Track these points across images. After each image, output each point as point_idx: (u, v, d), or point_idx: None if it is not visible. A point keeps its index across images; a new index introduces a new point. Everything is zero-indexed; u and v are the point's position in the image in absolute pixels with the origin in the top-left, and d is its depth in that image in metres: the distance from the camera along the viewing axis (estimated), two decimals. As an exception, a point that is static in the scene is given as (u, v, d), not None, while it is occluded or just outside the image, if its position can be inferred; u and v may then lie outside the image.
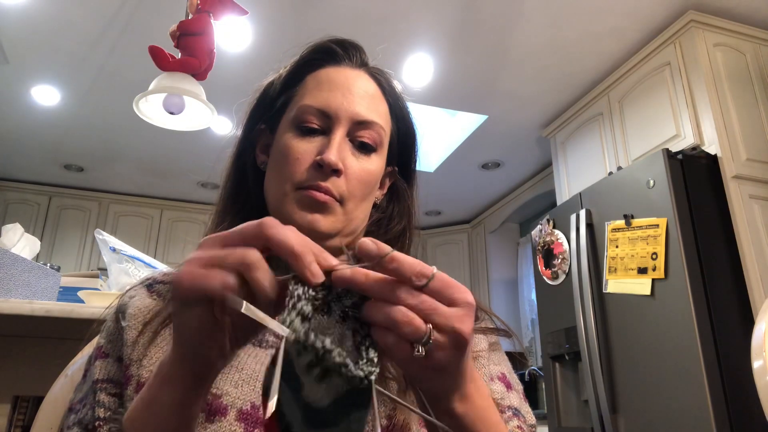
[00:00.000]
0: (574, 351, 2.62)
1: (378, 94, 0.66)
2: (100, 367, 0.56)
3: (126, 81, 3.29)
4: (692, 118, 2.63)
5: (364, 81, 0.66)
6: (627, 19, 2.78)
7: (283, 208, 0.61)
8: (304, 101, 0.63)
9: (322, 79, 0.65)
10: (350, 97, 0.63)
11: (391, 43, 2.96)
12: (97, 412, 0.53)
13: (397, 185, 0.72)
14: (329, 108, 0.62)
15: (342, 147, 0.61)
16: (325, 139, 0.62)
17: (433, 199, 5.02)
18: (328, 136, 0.62)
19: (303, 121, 0.62)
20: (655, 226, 2.31)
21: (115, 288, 1.56)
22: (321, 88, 0.63)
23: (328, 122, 0.62)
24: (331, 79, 0.64)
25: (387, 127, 0.66)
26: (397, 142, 0.70)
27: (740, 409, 2.02)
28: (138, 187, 4.95)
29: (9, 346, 1.46)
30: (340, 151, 0.61)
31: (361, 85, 0.65)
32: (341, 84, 0.64)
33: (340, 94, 0.63)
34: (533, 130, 3.84)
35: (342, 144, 0.61)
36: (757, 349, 1.06)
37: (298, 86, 0.66)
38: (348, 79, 0.65)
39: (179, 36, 1.97)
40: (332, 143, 0.60)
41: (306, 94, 0.64)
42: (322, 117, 0.62)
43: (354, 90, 0.64)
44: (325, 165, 0.59)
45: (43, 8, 2.76)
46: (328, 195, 0.60)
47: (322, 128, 0.62)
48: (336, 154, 0.60)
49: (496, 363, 0.63)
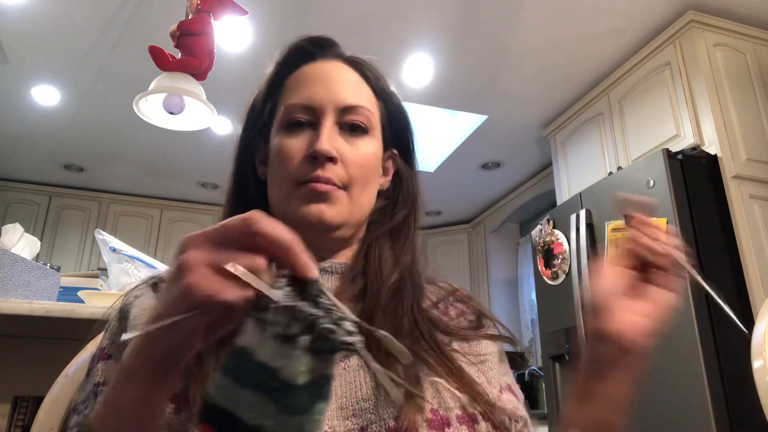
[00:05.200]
0: (574, 351, 2.62)
1: (358, 79, 0.67)
2: (102, 369, 0.56)
3: (126, 81, 3.29)
4: (692, 118, 2.63)
5: (343, 70, 0.66)
6: (627, 19, 2.78)
7: (288, 207, 0.61)
8: (287, 101, 0.64)
9: (301, 77, 0.65)
10: (331, 86, 0.63)
11: (391, 43, 2.96)
12: None
13: (401, 171, 0.72)
14: (312, 100, 0.62)
15: (332, 135, 0.61)
16: (314, 131, 0.62)
17: (433, 199, 5.02)
18: (316, 128, 0.62)
19: (290, 119, 0.63)
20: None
21: (115, 288, 1.56)
22: (301, 85, 0.64)
23: (314, 115, 0.62)
24: (310, 74, 0.65)
25: (374, 109, 0.67)
26: (389, 124, 0.70)
27: (740, 409, 2.02)
28: (138, 187, 4.95)
29: (9, 346, 1.46)
30: (332, 140, 0.61)
31: (340, 74, 0.66)
32: (320, 76, 0.64)
33: (321, 86, 0.63)
34: (533, 130, 3.84)
35: (332, 132, 0.61)
36: (757, 349, 1.06)
37: (280, 91, 0.66)
38: (326, 71, 0.65)
39: (179, 36, 1.97)
40: (322, 132, 0.60)
41: (288, 95, 0.65)
42: (308, 111, 0.62)
43: (334, 79, 0.64)
44: (318, 155, 0.59)
45: (43, 8, 2.76)
46: (329, 184, 0.60)
47: (309, 121, 0.62)
48: (327, 142, 0.60)
49: (503, 374, 0.64)
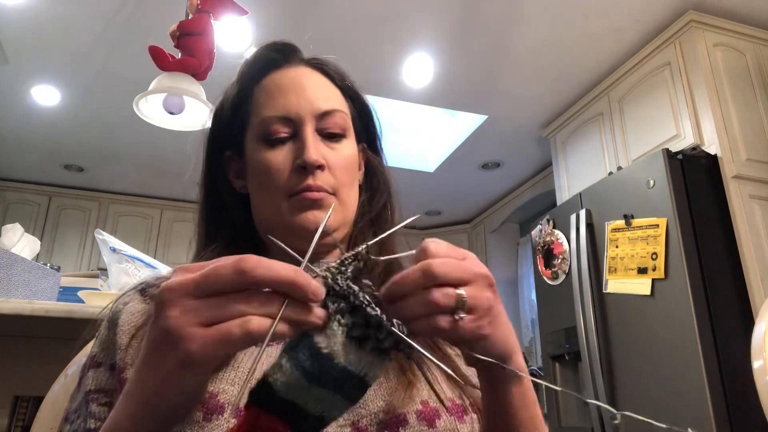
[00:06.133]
0: (574, 351, 2.62)
1: (326, 83, 0.68)
2: (93, 377, 0.56)
3: (126, 81, 3.29)
4: (692, 118, 2.63)
5: (310, 74, 0.67)
6: (627, 19, 2.78)
7: (281, 218, 0.62)
8: (262, 114, 0.64)
9: (270, 87, 0.65)
10: (304, 94, 0.64)
11: (391, 43, 2.96)
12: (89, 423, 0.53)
13: (371, 161, 0.73)
14: (289, 112, 0.63)
15: (316, 143, 0.63)
16: (296, 142, 0.63)
17: (433, 199, 5.02)
18: (297, 138, 0.63)
19: (269, 133, 0.63)
20: (655, 226, 2.31)
21: (115, 288, 1.56)
22: (273, 96, 0.64)
23: (293, 126, 0.63)
24: (279, 84, 0.65)
25: (347, 110, 0.68)
26: (359, 120, 0.71)
27: (740, 409, 2.02)
28: (138, 187, 4.95)
29: (9, 346, 1.46)
30: (317, 148, 0.62)
31: (309, 79, 0.66)
32: (290, 85, 0.65)
33: (294, 95, 0.64)
34: (533, 130, 3.84)
35: (315, 140, 0.63)
36: (757, 349, 1.06)
37: (249, 102, 0.66)
38: (294, 78, 0.66)
39: (179, 36, 1.97)
40: (307, 143, 0.61)
41: (260, 107, 0.65)
42: (286, 123, 0.63)
43: (305, 86, 0.65)
44: (308, 165, 0.60)
45: (43, 8, 2.76)
46: (321, 192, 0.61)
47: (289, 134, 0.63)
48: (314, 151, 0.61)
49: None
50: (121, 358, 0.55)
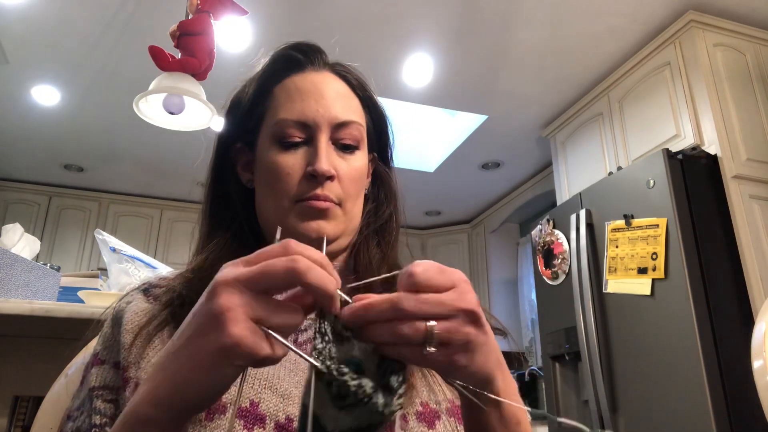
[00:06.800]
0: (574, 351, 2.62)
1: (347, 91, 0.67)
2: (96, 374, 0.56)
3: (126, 81, 3.29)
4: (692, 118, 2.63)
5: (332, 81, 0.66)
6: (627, 19, 2.78)
7: (285, 221, 0.62)
8: (279, 115, 0.63)
9: (291, 89, 0.65)
10: (323, 101, 0.63)
11: (391, 43, 2.96)
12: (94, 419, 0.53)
13: (379, 170, 0.73)
14: (306, 118, 0.62)
15: (329, 153, 0.62)
16: (309, 148, 0.63)
17: (433, 199, 5.02)
18: (311, 144, 0.62)
19: (283, 136, 0.63)
20: (655, 226, 2.31)
21: (115, 288, 1.56)
22: (293, 99, 0.64)
23: (308, 132, 0.63)
24: (300, 87, 0.65)
25: (363, 122, 0.67)
26: (373, 131, 0.71)
27: (740, 409, 2.02)
28: (138, 187, 4.95)
29: (9, 346, 1.46)
30: (329, 158, 0.62)
31: (331, 86, 0.65)
32: (311, 90, 0.64)
33: (313, 101, 0.63)
34: (533, 130, 3.84)
35: (329, 149, 0.62)
36: (757, 349, 1.06)
37: (268, 101, 0.66)
38: (316, 83, 0.65)
39: (179, 36, 1.97)
40: (320, 152, 0.61)
41: (279, 107, 0.64)
42: (302, 128, 0.63)
43: (325, 93, 0.64)
44: (318, 175, 0.60)
45: (43, 8, 2.76)
46: (327, 201, 0.61)
47: (304, 139, 0.63)
48: (326, 162, 0.61)
49: None
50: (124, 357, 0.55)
